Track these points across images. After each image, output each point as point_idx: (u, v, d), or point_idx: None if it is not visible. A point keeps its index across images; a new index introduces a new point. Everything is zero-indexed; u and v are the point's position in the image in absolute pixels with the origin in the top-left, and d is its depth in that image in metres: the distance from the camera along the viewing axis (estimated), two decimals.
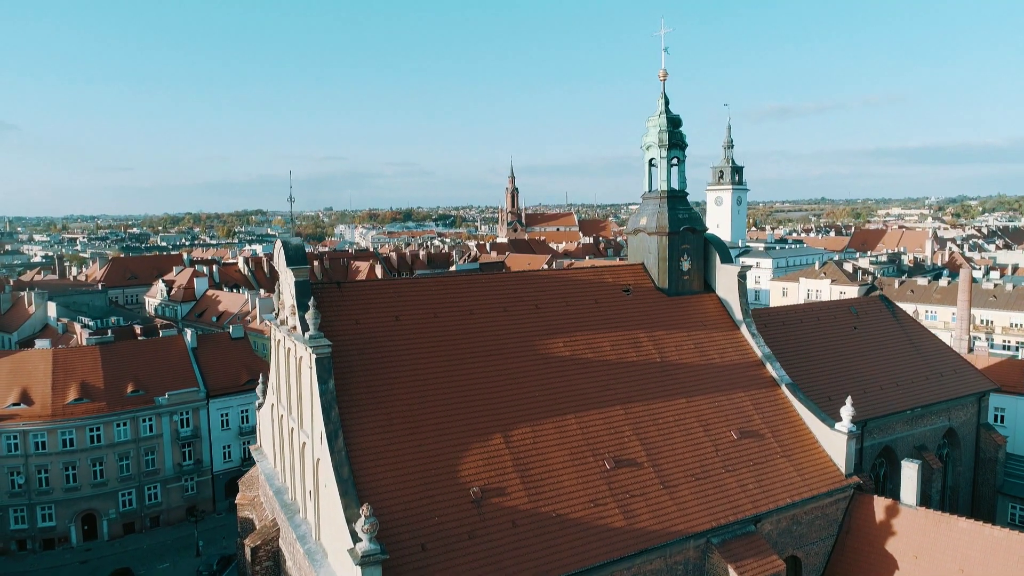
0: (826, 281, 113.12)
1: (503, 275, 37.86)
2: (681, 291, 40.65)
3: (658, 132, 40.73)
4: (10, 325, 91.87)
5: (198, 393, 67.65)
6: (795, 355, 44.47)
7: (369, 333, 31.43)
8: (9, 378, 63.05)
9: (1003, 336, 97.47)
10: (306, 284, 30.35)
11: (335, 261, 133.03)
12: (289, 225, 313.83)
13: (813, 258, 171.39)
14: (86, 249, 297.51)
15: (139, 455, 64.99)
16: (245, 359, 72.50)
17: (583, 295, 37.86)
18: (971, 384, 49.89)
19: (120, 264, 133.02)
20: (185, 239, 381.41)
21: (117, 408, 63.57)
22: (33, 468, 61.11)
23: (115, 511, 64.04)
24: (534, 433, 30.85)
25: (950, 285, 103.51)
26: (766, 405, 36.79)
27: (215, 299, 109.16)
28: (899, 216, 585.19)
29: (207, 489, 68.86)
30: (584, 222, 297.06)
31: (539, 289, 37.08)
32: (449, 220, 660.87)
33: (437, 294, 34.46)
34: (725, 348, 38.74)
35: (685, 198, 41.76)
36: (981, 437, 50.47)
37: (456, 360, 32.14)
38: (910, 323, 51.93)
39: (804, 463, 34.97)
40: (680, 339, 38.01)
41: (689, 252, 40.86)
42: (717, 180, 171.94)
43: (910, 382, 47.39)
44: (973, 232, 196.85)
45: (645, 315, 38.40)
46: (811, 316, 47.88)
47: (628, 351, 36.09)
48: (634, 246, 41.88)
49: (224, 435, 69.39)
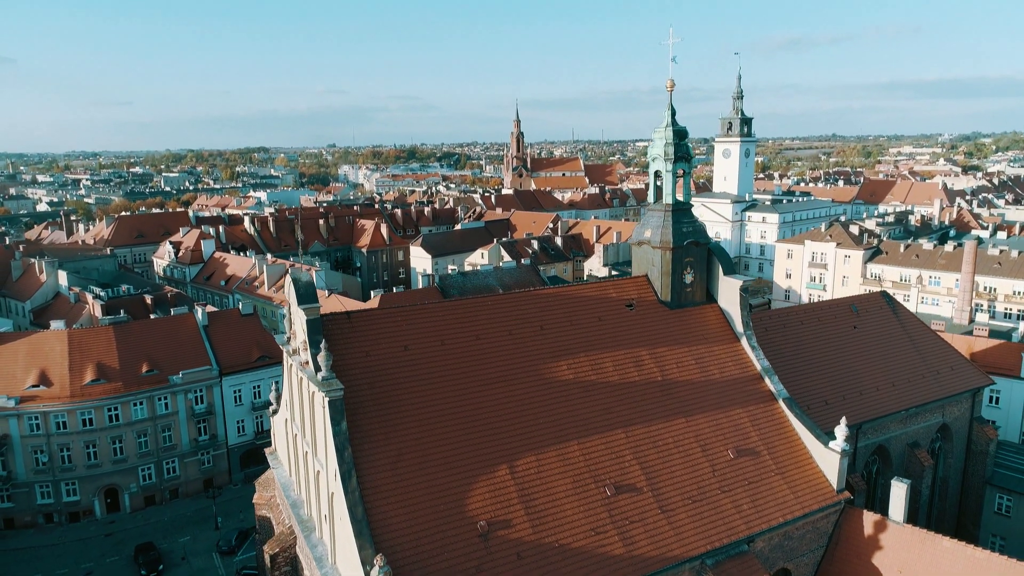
0: (831, 244, 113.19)
1: (509, 296, 38.39)
2: (684, 303, 41.30)
3: (664, 145, 40.59)
4: (23, 293, 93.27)
5: (211, 371, 69.38)
6: (795, 358, 45.47)
7: (378, 365, 32.39)
8: (27, 360, 64.70)
9: (1005, 304, 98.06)
10: (317, 323, 31.14)
11: (340, 220, 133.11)
12: (298, 247, 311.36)
13: (820, 211, 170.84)
14: (90, 193, 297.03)
15: (156, 432, 67.23)
16: (256, 335, 73.95)
17: (587, 312, 38.58)
18: (966, 381, 50.92)
19: (127, 223, 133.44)
20: (188, 181, 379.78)
21: (133, 388, 65.42)
22: (55, 447, 63.44)
23: (136, 485, 66.76)
24: (538, 462, 32.15)
25: (955, 251, 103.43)
26: (763, 421, 37.98)
27: (223, 262, 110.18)
28: (910, 156, 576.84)
29: (223, 462, 71.44)
30: (590, 167, 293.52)
31: (544, 308, 37.79)
32: (454, 159, 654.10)
33: (445, 319, 35.25)
34: (725, 362, 39.67)
35: (690, 210, 41.93)
36: (974, 430, 51.84)
37: (463, 389, 33.18)
38: (910, 320, 52.59)
39: (797, 480, 36.37)
40: (681, 354, 38.92)
41: (692, 265, 41.30)
42: (726, 132, 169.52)
43: (906, 381, 48.44)
44: (984, 183, 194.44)
45: (648, 331, 39.20)
46: (812, 317, 48.56)
47: (630, 370, 37.06)
48: (638, 257, 42.31)
49: (237, 410, 71.48)
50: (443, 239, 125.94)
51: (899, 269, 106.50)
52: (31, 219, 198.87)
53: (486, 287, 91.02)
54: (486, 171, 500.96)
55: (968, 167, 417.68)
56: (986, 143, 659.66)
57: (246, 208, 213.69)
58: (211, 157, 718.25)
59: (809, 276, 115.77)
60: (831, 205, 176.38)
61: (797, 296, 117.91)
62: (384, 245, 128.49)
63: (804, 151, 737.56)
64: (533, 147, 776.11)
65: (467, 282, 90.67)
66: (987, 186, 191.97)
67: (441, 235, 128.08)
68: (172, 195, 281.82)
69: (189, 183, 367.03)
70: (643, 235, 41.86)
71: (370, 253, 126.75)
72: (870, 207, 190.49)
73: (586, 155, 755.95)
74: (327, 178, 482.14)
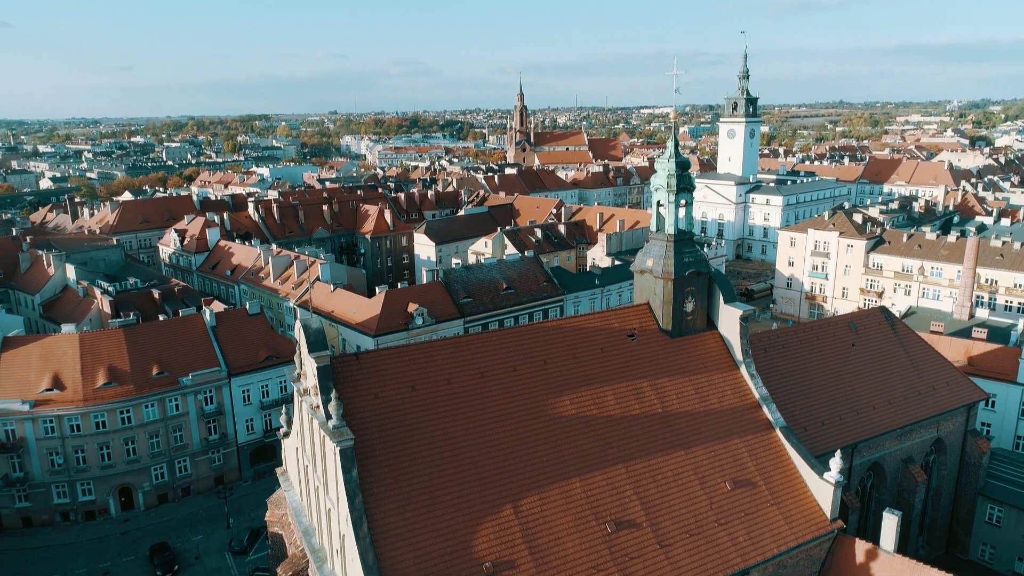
0: (834, 233, 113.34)
1: (513, 331, 39.11)
2: (685, 331, 42.10)
3: (667, 177, 40.98)
4: (32, 286, 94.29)
5: (220, 372, 70.65)
6: (793, 379, 46.44)
7: (387, 407, 33.38)
8: (40, 363, 65.97)
9: (1006, 296, 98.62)
10: (328, 370, 32.04)
11: (344, 205, 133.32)
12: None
13: (824, 192, 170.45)
14: (92, 167, 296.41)
15: (168, 432, 68.78)
16: (263, 335, 75.05)
17: (590, 344, 39.42)
18: (961, 396, 51.91)
19: (131, 208, 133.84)
20: (190, 154, 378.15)
21: (144, 391, 66.76)
22: (70, 448, 65.04)
23: (149, 484, 68.54)
24: (541, 500, 33.32)
25: (957, 241, 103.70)
26: (760, 450, 39.05)
27: (228, 251, 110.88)
28: (918, 125, 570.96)
29: (233, 459, 73.13)
30: (593, 141, 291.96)
31: (547, 342, 38.63)
32: (456, 127, 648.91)
33: (451, 357, 36.12)
34: (724, 391, 40.61)
35: (692, 240, 42.44)
36: (967, 443, 52.99)
37: (469, 428, 34.21)
38: (908, 336, 53.35)
39: (792, 509, 37.56)
40: (682, 384, 39.86)
41: (694, 293, 41.99)
42: (731, 112, 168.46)
43: (902, 399, 49.46)
44: (990, 163, 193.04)
45: (649, 361, 40.08)
46: (811, 336, 49.37)
47: (631, 403, 38.04)
48: (640, 284, 42.96)
49: (246, 410, 72.94)
50: (446, 226, 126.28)
51: (901, 259, 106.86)
52: (35, 198, 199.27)
53: (490, 281, 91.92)
54: (489, 141, 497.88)
55: (976, 138, 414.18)
56: (995, 111, 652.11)
57: (249, 185, 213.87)
58: (212, 125, 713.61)
59: (812, 264, 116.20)
60: (835, 186, 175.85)
61: (799, 284, 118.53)
62: (388, 231, 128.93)
63: (810, 119, 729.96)
64: (536, 115, 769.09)
65: (471, 276, 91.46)
66: (993, 165, 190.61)
67: (444, 221, 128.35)
68: (174, 169, 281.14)
69: (191, 155, 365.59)
70: (645, 264, 42.46)
71: (374, 239, 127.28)
72: (875, 187, 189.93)
73: (590, 123, 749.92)
74: (329, 149, 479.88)
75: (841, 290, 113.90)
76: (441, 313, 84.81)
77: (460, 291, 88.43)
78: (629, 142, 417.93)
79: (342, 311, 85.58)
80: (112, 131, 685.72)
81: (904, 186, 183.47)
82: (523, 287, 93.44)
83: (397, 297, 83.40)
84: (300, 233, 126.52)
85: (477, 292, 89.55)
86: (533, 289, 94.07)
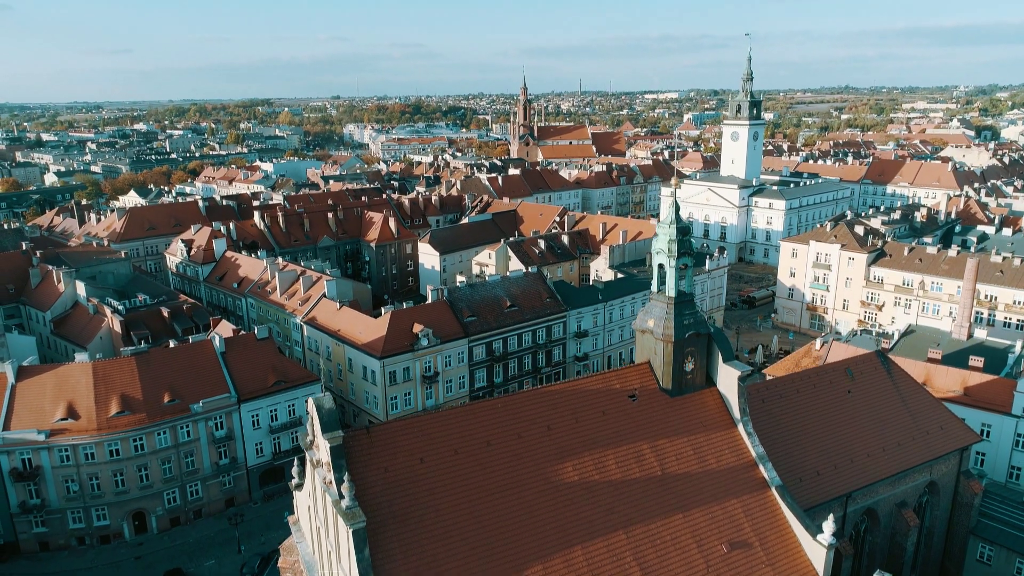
0: (836, 246, 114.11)
1: (518, 396, 40.34)
2: (685, 389, 43.32)
3: (668, 242, 41.97)
4: (42, 302, 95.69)
5: (230, 398, 72.13)
6: (790, 430, 47.71)
7: (396, 480, 34.74)
8: (55, 393, 67.48)
9: (1005, 313, 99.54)
10: (340, 450, 33.35)
11: (348, 212, 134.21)
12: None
13: (827, 195, 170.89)
14: (96, 160, 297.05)
15: (180, 458, 70.43)
16: (271, 360, 76.40)
17: (592, 407, 40.68)
18: (955, 439, 53.17)
19: (138, 215, 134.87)
20: (193, 144, 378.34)
21: (157, 419, 68.29)
22: (85, 476, 66.72)
23: (162, 508, 70.31)
24: (544, 570, 34.75)
25: (958, 256, 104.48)
26: (756, 510, 40.41)
27: (234, 262, 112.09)
28: (923, 113, 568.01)
29: (243, 482, 74.87)
30: (597, 135, 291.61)
31: (551, 406, 39.89)
32: (459, 113, 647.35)
33: (458, 426, 37.41)
34: (722, 450, 41.91)
35: (692, 301, 43.50)
36: (960, 484, 54.32)
37: (475, 499, 35.58)
38: (903, 379, 54.49)
39: (786, 571, 38.98)
40: (680, 445, 41.15)
41: (693, 354, 43.15)
42: (735, 114, 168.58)
43: (896, 445, 50.73)
44: (995, 163, 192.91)
45: (649, 422, 41.35)
46: (808, 384, 50.53)
47: (632, 466, 39.36)
48: (642, 343, 44.12)
49: (256, 434, 74.50)
50: (450, 235, 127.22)
51: (902, 273, 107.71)
52: (41, 196, 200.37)
53: (494, 298, 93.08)
54: (493, 129, 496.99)
55: (982, 128, 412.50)
56: (1002, 99, 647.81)
57: (253, 182, 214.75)
58: (214, 112, 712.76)
59: (813, 276, 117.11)
60: (838, 187, 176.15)
61: (801, 294, 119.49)
62: (392, 238, 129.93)
63: (816, 105, 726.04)
64: (540, 100, 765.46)
65: (475, 294, 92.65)
66: (998, 166, 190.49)
67: (448, 230, 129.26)
68: (178, 163, 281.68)
69: (194, 146, 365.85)
70: (646, 324, 43.59)
71: (379, 247, 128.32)
72: (878, 187, 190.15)
73: (593, 108, 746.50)
74: (332, 137, 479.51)
75: (842, 302, 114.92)
76: (446, 333, 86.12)
77: (465, 309, 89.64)
78: (633, 132, 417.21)
79: (348, 330, 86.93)
80: (114, 117, 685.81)
81: (907, 187, 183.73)
82: (526, 304, 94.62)
83: (402, 318, 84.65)
84: (306, 241, 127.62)
85: (481, 310, 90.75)
86: (536, 305, 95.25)
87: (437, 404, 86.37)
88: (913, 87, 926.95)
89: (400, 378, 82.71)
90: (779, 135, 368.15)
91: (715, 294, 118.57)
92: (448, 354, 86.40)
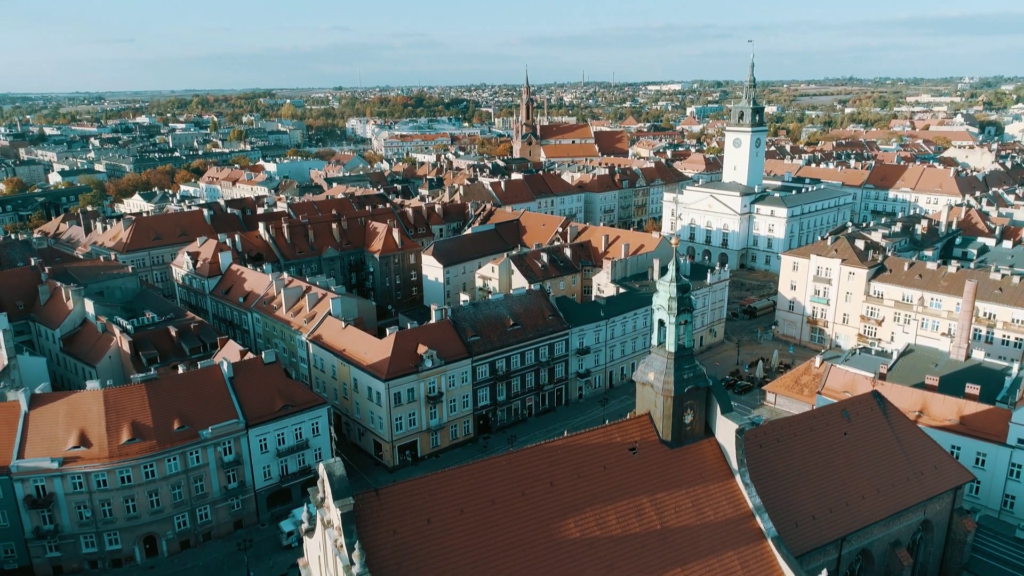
0: (836, 260, 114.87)
1: (522, 453, 41.52)
2: (684, 440, 44.48)
3: (668, 299, 42.97)
4: (51, 320, 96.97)
5: (238, 424, 73.45)
6: (787, 475, 48.90)
7: (404, 542, 36.00)
8: (67, 420, 68.82)
9: (1003, 331, 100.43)
10: (351, 516, 34.59)
11: (352, 222, 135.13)
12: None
13: (829, 202, 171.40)
14: (100, 157, 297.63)
15: (189, 483, 71.83)
16: (278, 384, 77.61)
17: (593, 461, 41.87)
18: (948, 479, 54.36)
19: (144, 225, 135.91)
20: (196, 140, 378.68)
21: (167, 445, 69.62)
22: (97, 502, 68.17)
23: (172, 532, 71.80)
24: None
25: (958, 273, 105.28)
26: (752, 563, 41.65)
27: (240, 276, 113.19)
28: (927, 106, 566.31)
29: (251, 504, 76.31)
30: (599, 134, 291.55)
31: (554, 462, 41.08)
32: (462, 106, 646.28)
33: (464, 485, 38.63)
34: (720, 502, 43.11)
35: (691, 356, 44.56)
36: (954, 522, 55.55)
37: (480, 559, 36.84)
38: (898, 420, 55.58)
39: None
40: (680, 498, 42.36)
41: (692, 406, 44.26)
42: (737, 120, 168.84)
43: (891, 487, 51.94)
44: (997, 168, 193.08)
45: (649, 475, 42.54)
46: (805, 428, 51.67)
47: (632, 521, 40.58)
48: (642, 395, 45.26)
49: (263, 457, 75.85)
50: (453, 246, 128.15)
51: (902, 289, 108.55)
52: (46, 198, 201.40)
53: (497, 317, 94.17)
54: (495, 124, 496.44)
55: (986, 123, 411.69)
56: (1007, 92, 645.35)
57: (256, 184, 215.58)
58: (216, 103, 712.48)
59: (814, 290, 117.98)
60: (840, 193, 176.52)
61: (801, 307, 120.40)
62: (396, 249, 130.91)
63: (819, 97, 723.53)
64: (542, 92, 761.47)
65: (478, 313, 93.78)
66: (1000, 171, 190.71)
67: (451, 242, 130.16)
68: (181, 161, 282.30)
69: (197, 142, 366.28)
70: (647, 377, 44.69)
71: (383, 258, 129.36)
72: (880, 192, 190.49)
73: (596, 101, 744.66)
74: (335, 132, 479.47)
75: (842, 316, 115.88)
76: (450, 353, 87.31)
77: (468, 329, 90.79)
78: (636, 127, 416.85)
79: (353, 350, 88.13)
80: (117, 109, 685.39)
81: (909, 192, 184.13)
82: (529, 322, 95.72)
83: (407, 339, 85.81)
84: (310, 252, 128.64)
85: (484, 329, 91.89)
86: (539, 323, 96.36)
87: (441, 423, 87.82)
88: (918, 78, 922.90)
89: (405, 399, 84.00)
90: (782, 132, 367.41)
91: (716, 307, 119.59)
92: (452, 374, 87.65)
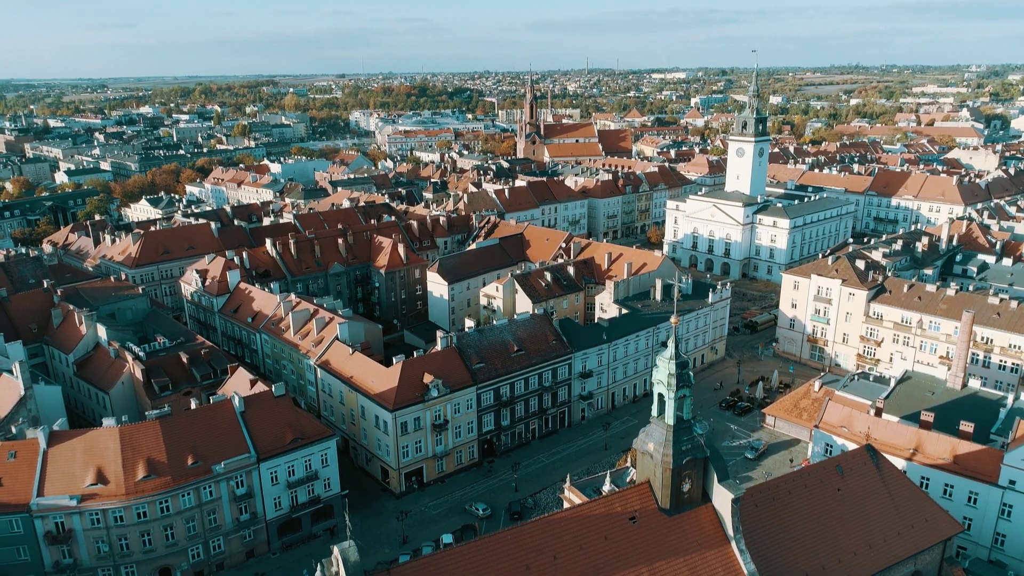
0: (836, 281, 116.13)
1: (526, 528, 43.37)
2: (682, 507, 46.30)
3: (667, 376, 44.60)
4: (65, 344, 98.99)
5: (250, 458, 75.53)
6: (781, 535, 50.75)
7: None
8: (84, 458, 70.92)
9: (1000, 356, 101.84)
10: None
11: (358, 236, 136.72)
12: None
13: (831, 211, 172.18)
14: (105, 155, 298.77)
15: (203, 516, 74.07)
16: (288, 417, 79.60)
17: (595, 533, 43.72)
18: (938, 531, 56.18)
19: (152, 239, 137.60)
20: (200, 135, 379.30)
21: (181, 481, 71.76)
22: (114, 537, 70.44)
23: (187, 563, 74.14)
24: None
25: (956, 296, 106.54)
26: None
27: (248, 295, 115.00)
28: (933, 97, 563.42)
29: (262, 534, 78.58)
30: (603, 133, 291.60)
31: (557, 535, 42.96)
32: (465, 95, 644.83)
33: (471, 563, 40.51)
34: (716, 569, 45.00)
35: (690, 427, 46.24)
36: (943, 572, 57.44)
37: None
38: (891, 474, 57.29)
39: None
40: (677, 567, 44.25)
41: (691, 476, 46.03)
42: (740, 130, 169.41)
43: (882, 541, 53.79)
44: (1000, 175, 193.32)
45: (648, 544, 44.41)
46: (799, 485, 53.45)
47: None
48: (642, 464, 47.05)
49: (274, 489, 78.01)
50: (458, 262, 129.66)
51: (901, 311, 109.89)
52: (54, 203, 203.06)
53: (501, 343, 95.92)
54: (499, 116, 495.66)
55: (992, 117, 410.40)
56: (1014, 82, 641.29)
57: (261, 186, 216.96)
58: (220, 92, 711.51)
59: (814, 309, 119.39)
60: (843, 202, 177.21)
61: (802, 326, 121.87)
62: (401, 264, 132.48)
63: (825, 87, 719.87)
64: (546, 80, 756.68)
65: (483, 340, 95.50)
66: (1003, 178, 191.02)
67: (456, 258, 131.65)
68: (187, 159, 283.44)
69: (201, 137, 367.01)
70: (647, 447, 46.44)
71: (388, 274, 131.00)
72: (883, 199, 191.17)
73: (600, 90, 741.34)
74: (338, 124, 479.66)
75: (842, 336, 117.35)
76: (455, 381, 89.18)
77: (473, 356, 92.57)
78: (640, 121, 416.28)
79: (360, 377, 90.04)
80: (120, 97, 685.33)
81: (912, 200, 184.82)
82: (533, 347, 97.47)
83: (413, 367, 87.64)
84: (317, 268, 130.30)
85: (489, 356, 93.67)
86: (543, 348, 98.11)
87: (446, 450, 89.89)
88: (924, 66, 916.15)
89: (411, 427, 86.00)
90: (785, 128, 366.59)
91: (718, 325, 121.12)
92: (457, 402, 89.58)
